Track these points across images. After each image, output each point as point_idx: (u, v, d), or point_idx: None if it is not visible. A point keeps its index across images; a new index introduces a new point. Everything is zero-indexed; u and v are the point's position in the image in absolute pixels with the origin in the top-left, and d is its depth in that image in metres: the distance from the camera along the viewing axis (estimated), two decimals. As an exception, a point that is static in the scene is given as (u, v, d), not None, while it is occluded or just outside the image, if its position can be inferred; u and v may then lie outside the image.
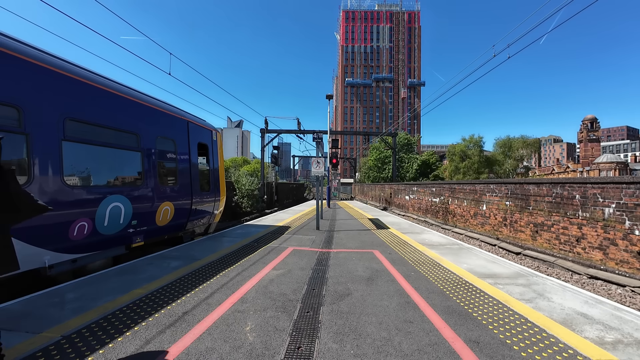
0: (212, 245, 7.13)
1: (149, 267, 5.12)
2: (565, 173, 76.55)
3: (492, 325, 3.11)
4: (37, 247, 4.10)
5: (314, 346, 2.70)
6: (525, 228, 9.73)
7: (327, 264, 5.49)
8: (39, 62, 4.22)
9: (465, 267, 5.33)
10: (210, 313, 3.35)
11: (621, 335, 2.93)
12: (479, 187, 12.52)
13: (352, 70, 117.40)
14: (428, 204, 17.80)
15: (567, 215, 8.13)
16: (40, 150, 4.12)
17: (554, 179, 8.85)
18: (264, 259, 5.83)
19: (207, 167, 8.80)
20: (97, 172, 5.23)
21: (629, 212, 6.55)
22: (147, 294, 3.91)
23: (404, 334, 2.93)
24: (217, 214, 9.43)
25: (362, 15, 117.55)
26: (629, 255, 6.52)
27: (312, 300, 3.78)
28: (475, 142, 50.86)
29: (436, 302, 3.70)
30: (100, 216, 4.98)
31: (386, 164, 49.00)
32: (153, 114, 6.51)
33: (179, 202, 7.18)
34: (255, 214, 21.18)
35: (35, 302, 3.55)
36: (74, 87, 4.74)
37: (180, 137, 7.41)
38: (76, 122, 4.74)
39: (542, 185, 9.11)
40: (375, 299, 3.80)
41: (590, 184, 7.54)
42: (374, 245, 7.26)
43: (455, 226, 14.19)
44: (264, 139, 31.45)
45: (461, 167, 50.11)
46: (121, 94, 5.66)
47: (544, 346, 2.72)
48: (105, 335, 2.83)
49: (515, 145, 51.34)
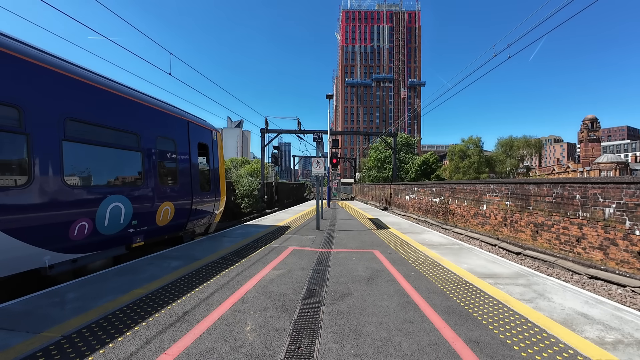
0: (213, 245, 7.13)
1: (149, 267, 5.12)
2: (565, 173, 76.48)
3: (492, 326, 3.10)
4: (38, 247, 4.10)
5: (314, 346, 2.70)
6: (526, 228, 9.72)
7: (327, 264, 5.49)
8: (40, 62, 4.22)
9: (466, 267, 5.33)
10: (211, 313, 3.35)
11: (621, 335, 2.93)
12: (479, 187, 12.52)
13: (352, 70, 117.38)
14: (428, 204, 17.80)
15: (568, 215, 8.12)
16: (40, 151, 4.12)
17: (555, 179, 8.84)
18: (264, 259, 5.83)
19: (207, 167, 8.80)
20: (98, 172, 5.23)
21: (630, 212, 6.54)
22: (147, 293, 3.91)
23: (404, 334, 2.93)
24: (218, 214, 9.43)
25: (362, 15, 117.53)
26: (630, 256, 6.52)
27: (313, 300, 3.78)
28: (475, 143, 50.96)
29: (436, 302, 3.70)
30: (100, 216, 4.98)
31: (386, 164, 48.96)
32: (153, 114, 6.51)
33: (179, 202, 7.18)
34: (256, 214, 21.18)
35: (36, 302, 3.55)
36: (75, 87, 4.74)
37: (181, 137, 7.41)
38: (76, 122, 4.74)
39: (542, 185, 9.11)
40: (375, 299, 3.80)
41: (591, 184, 7.53)
42: (374, 245, 7.26)
43: (456, 226, 14.18)
44: (264, 139, 31.45)
45: (461, 167, 50.14)
46: (121, 94, 5.66)
47: (544, 346, 2.72)
48: (106, 335, 2.83)
49: (517, 145, 51.42)
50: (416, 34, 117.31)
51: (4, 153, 3.91)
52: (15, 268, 3.95)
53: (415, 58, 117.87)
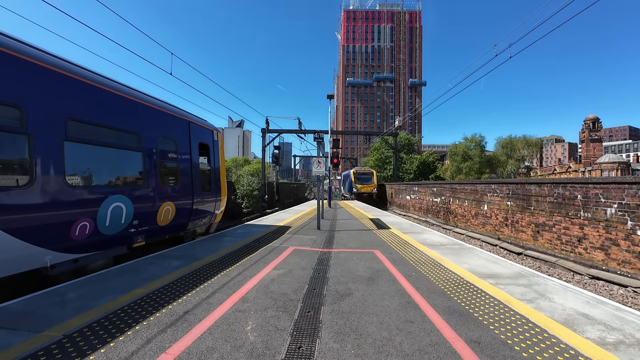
0: (213, 244, 7.14)
1: (150, 267, 5.13)
2: (567, 173, 76.36)
3: (493, 326, 3.10)
4: (39, 247, 4.12)
5: (314, 346, 2.70)
6: (527, 228, 9.70)
7: (328, 264, 5.49)
8: (41, 62, 4.23)
9: (467, 267, 5.32)
10: (211, 312, 3.35)
11: (623, 335, 2.92)
12: (480, 187, 12.50)
13: (353, 70, 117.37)
14: (429, 204, 17.78)
15: (569, 216, 8.10)
16: (42, 151, 4.13)
17: (556, 179, 8.82)
18: (265, 258, 5.84)
19: (208, 167, 8.82)
20: (99, 172, 5.24)
21: (631, 213, 6.52)
22: (148, 293, 3.91)
23: (405, 334, 2.92)
24: (218, 214, 9.44)
25: (363, 15, 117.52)
26: (631, 256, 6.50)
27: (313, 300, 3.78)
28: (477, 142, 50.53)
29: (437, 302, 3.70)
30: (101, 216, 4.99)
31: (387, 164, 48.94)
32: (154, 114, 6.52)
33: (180, 202, 7.19)
34: (256, 213, 21.19)
35: (37, 302, 3.56)
36: (76, 88, 4.75)
37: (182, 137, 7.42)
38: (78, 122, 4.75)
39: (543, 185, 9.09)
40: (376, 299, 3.80)
41: (592, 184, 7.51)
42: (374, 245, 7.25)
43: (457, 226, 14.16)
44: (265, 139, 31.50)
45: (463, 167, 49.90)
46: (122, 94, 5.67)
47: (545, 346, 2.71)
48: (107, 334, 2.83)
49: (517, 145, 51.08)
50: (417, 34, 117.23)
51: (6, 153, 3.92)
52: (17, 268, 3.96)
53: (416, 58, 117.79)
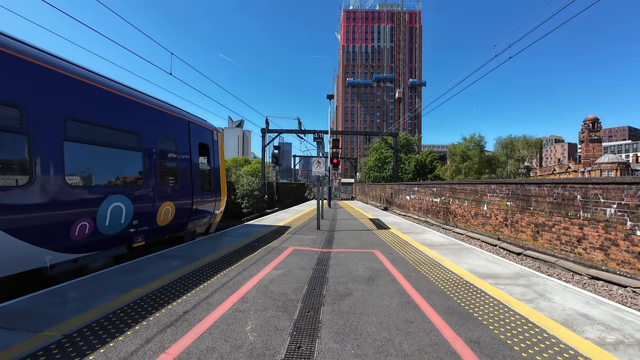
0: (213, 244, 7.14)
1: (149, 267, 5.13)
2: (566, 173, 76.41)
3: (492, 326, 3.10)
4: (39, 247, 4.11)
5: (314, 346, 2.70)
6: (526, 228, 9.71)
7: (327, 264, 5.49)
8: (41, 62, 4.23)
9: (466, 268, 5.32)
10: (211, 312, 3.35)
11: (622, 336, 2.93)
12: (479, 187, 12.50)
13: (353, 70, 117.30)
14: (429, 204, 17.78)
15: (568, 216, 8.11)
16: (41, 150, 4.13)
17: (555, 179, 8.83)
18: (265, 258, 5.84)
19: (208, 167, 8.82)
20: (99, 172, 5.24)
21: (631, 213, 6.52)
22: (148, 293, 3.91)
23: (405, 334, 2.93)
24: (218, 214, 9.44)
25: (363, 15, 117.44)
26: (631, 256, 6.50)
27: (313, 300, 3.78)
28: (476, 142, 50.43)
29: (437, 302, 3.70)
30: (101, 216, 4.99)
31: (387, 164, 48.92)
32: (154, 114, 6.52)
33: (180, 202, 7.19)
34: (256, 213, 21.18)
35: (37, 301, 3.56)
36: (76, 88, 4.75)
37: (181, 137, 7.42)
38: (77, 122, 4.75)
39: (543, 185, 9.09)
40: (375, 299, 3.80)
41: (592, 185, 7.52)
42: (374, 245, 7.25)
43: (456, 226, 14.17)
44: (264, 139, 31.49)
45: (462, 167, 49.86)
46: (122, 94, 5.67)
47: (545, 347, 2.71)
48: (107, 334, 2.83)
49: (517, 145, 51.02)
50: (417, 34, 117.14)
51: (5, 153, 3.92)
52: (17, 268, 3.96)
53: (416, 58, 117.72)
